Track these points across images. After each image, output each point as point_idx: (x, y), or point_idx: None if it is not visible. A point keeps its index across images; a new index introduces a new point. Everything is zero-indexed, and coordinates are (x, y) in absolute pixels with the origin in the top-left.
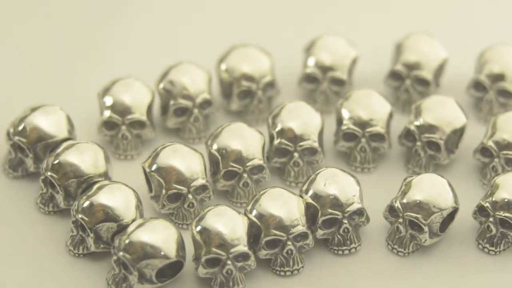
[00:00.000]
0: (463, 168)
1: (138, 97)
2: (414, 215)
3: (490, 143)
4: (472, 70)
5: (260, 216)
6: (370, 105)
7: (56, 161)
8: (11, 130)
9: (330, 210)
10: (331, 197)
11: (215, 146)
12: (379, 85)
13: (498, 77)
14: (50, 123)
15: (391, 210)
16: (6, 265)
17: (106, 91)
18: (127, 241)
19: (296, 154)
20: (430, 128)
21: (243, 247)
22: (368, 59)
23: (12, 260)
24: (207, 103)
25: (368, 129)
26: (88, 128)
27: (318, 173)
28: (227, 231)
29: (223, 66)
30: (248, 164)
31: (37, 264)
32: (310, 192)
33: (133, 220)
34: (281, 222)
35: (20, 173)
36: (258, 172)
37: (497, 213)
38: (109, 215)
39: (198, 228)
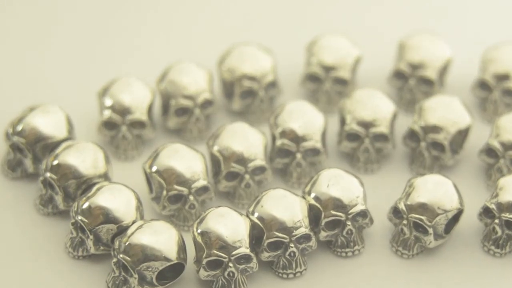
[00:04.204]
0: (468, 169)
1: (138, 97)
2: (419, 216)
3: (495, 144)
4: (477, 70)
5: (262, 217)
6: (374, 105)
7: (56, 162)
8: (10, 130)
9: (333, 212)
10: (334, 198)
11: (216, 147)
12: (382, 85)
13: (503, 77)
14: (49, 123)
15: (395, 212)
16: (5, 266)
17: (106, 90)
18: (127, 243)
19: (298, 155)
20: (435, 128)
21: (245, 249)
22: (372, 58)
23: (10, 262)
24: (208, 103)
25: (372, 130)
26: (87, 128)
27: (321, 174)
28: (229, 233)
29: (225, 66)
30: (250, 165)
31: (36, 266)
32: (313, 194)
33: (133, 222)
34: (284, 224)
35: (19, 174)
36: (260, 173)
37: (503, 214)
38: (109, 216)
39: (199, 229)
